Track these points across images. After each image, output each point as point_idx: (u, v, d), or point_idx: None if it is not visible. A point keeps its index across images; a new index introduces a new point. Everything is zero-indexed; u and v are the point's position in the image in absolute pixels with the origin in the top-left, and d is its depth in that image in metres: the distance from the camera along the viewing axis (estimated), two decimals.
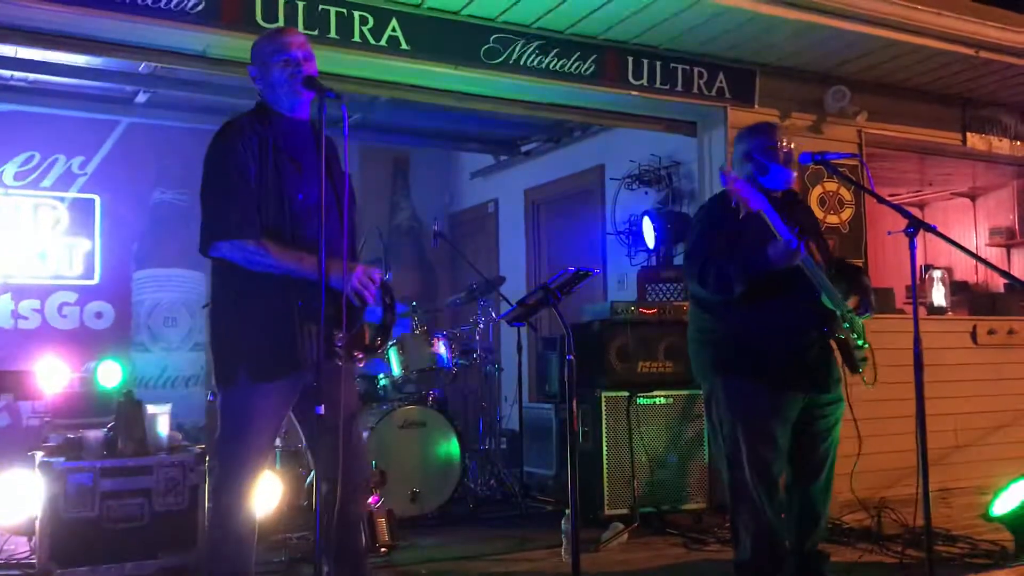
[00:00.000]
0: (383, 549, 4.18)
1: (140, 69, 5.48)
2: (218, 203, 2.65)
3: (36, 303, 7.06)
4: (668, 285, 5.87)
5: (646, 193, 6.57)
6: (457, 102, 5.22)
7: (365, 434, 5.01)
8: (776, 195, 3.38)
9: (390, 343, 5.35)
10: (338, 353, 2.67)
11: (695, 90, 5.40)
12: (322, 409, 2.56)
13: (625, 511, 4.84)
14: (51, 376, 4.62)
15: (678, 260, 6.05)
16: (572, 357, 3.22)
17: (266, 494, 3.87)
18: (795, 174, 3.49)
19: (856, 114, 5.75)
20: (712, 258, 3.31)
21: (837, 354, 3.41)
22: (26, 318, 7.01)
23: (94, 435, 3.62)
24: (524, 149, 7.87)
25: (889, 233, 3.88)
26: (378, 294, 2.78)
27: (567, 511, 4.20)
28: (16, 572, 3.71)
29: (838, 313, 3.34)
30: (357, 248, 3.09)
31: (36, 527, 3.52)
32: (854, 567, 3.93)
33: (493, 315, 6.25)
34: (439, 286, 8.64)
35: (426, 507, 5.06)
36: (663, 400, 5.04)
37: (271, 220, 2.66)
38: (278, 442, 4.66)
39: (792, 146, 3.48)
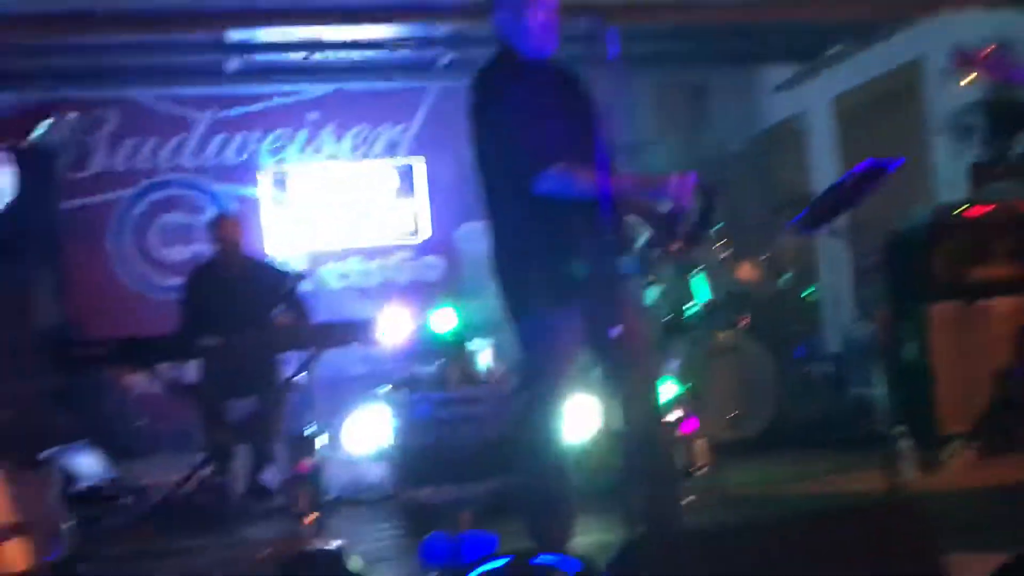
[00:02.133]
0: (702, 470, 4.21)
1: (438, 33, 5.84)
2: (524, 139, 2.73)
3: (379, 261, 7.86)
4: (1005, 182, 5.25)
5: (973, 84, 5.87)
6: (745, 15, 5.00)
7: (678, 361, 5.06)
8: None
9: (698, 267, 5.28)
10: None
11: None
12: (615, 331, 2.64)
13: (965, 428, 4.46)
14: (393, 325, 5.15)
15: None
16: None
17: (584, 419, 4.05)
18: None
19: None
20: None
21: None
22: (371, 275, 7.84)
23: (427, 371, 3.99)
24: (830, 53, 7.34)
25: None
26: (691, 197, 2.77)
27: (898, 430, 3.99)
28: (372, 495, 4.23)
29: None
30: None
31: (387, 454, 3.97)
32: None
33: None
34: (747, 210, 8.37)
35: (746, 432, 5.02)
36: (1003, 307, 4.54)
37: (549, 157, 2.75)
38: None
39: None
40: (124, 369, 5.45)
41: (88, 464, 4.78)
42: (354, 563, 2.32)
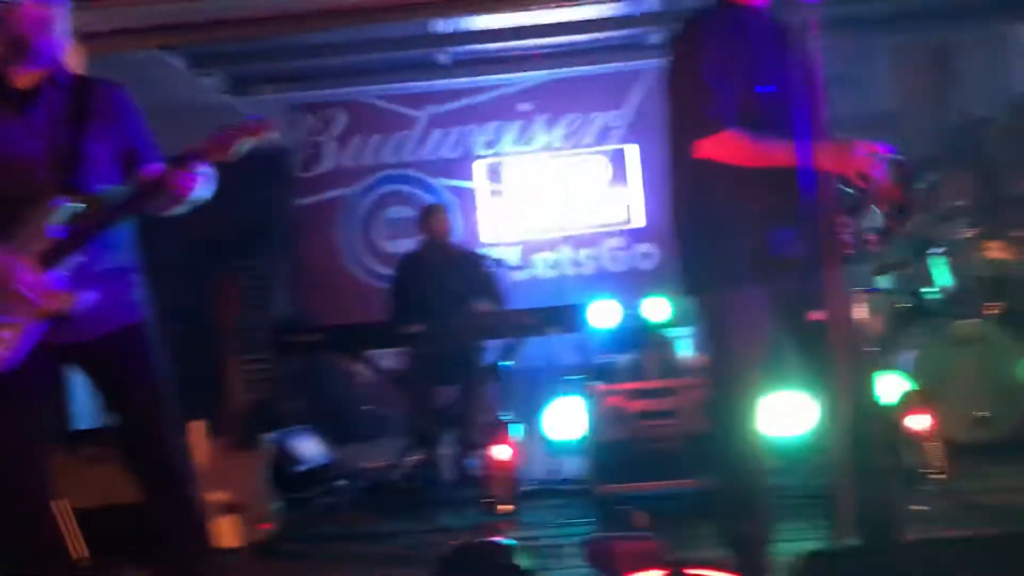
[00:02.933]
0: (938, 476, 3.74)
1: (646, 8, 5.62)
2: (696, 97, 2.52)
3: (591, 250, 7.75)
4: None
5: None
6: None
7: (914, 353, 4.55)
8: None
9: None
10: (844, 243, 2.42)
11: None
12: (815, 315, 2.33)
13: None
14: (602, 312, 5.02)
15: None
16: None
17: (796, 414, 3.71)
18: None
19: None
20: None
21: None
22: (583, 264, 7.73)
23: (624, 360, 3.81)
24: None
25: None
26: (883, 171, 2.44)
27: None
28: (569, 487, 4.11)
29: None
30: None
31: (583, 446, 3.83)
32: None
33: None
34: (1005, 183, 7.45)
35: (992, 434, 4.41)
36: None
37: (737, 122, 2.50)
38: None
39: None
40: (335, 355, 5.68)
41: (308, 447, 4.99)
42: (523, 557, 2.21)
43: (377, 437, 6.28)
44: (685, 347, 3.88)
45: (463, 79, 7.37)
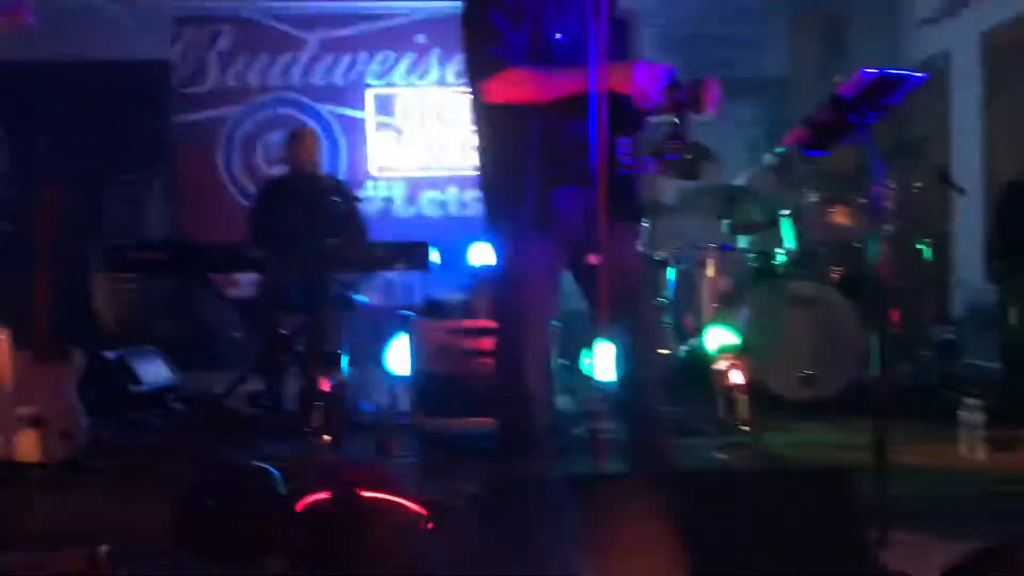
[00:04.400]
0: (743, 427, 3.88)
1: None
2: (483, 40, 2.51)
3: (476, 192, 7.72)
4: None
5: None
6: None
7: (748, 310, 4.68)
8: None
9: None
10: (626, 163, 2.47)
11: None
12: (594, 259, 2.36)
13: None
14: (479, 252, 4.99)
15: None
16: None
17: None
18: None
19: None
20: None
21: None
22: (469, 205, 7.70)
23: (456, 297, 3.82)
24: None
25: None
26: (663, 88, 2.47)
27: (970, 401, 3.54)
28: (391, 420, 4.15)
29: None
30: None
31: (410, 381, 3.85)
32: None
33: (918, 184, 5.34)
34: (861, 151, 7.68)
35: (820, 391, 4.59)
36: None
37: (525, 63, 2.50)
38: None
39: None
40: (179, 276, 5.56)
41: (151, 368, 4.91)
42: (281, 485, 2.21)
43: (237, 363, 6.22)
44: None
45: (357, 2, 7.18)
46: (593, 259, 2.35)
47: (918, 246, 5.51)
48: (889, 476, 2.38)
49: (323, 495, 1.63)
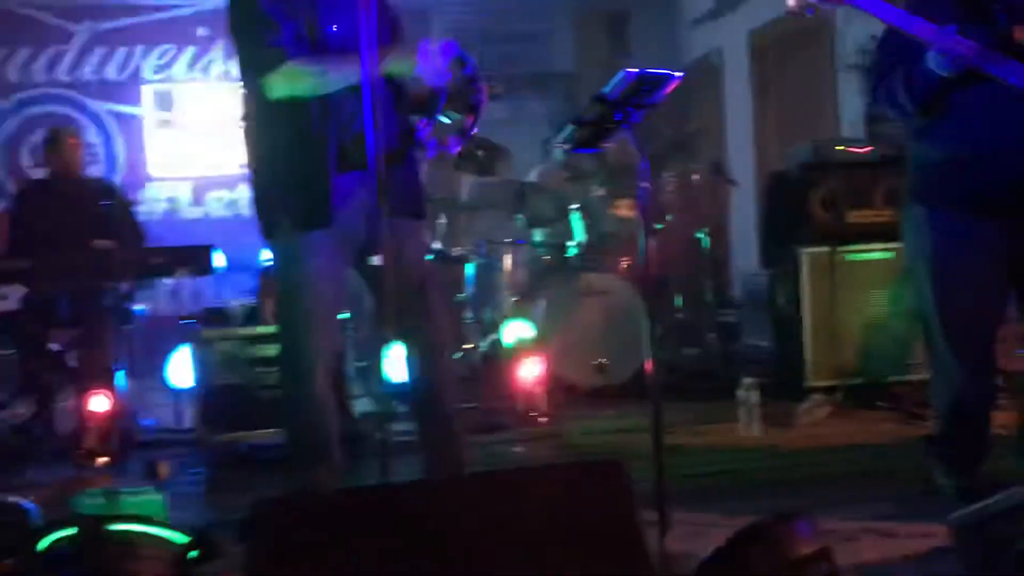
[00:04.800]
0: (541, 419, 3.94)
1: None
2: (258, 32, 2.39)
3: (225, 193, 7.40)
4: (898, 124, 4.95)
5: None
6: None
7: (543, 303, 4.76)
8: None
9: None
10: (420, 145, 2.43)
11: None
12: (378, 259, 2.29)
13: (832, 382, 4.22)
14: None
15: None
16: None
17: None
18: None
19: None
20: (883, 70, 2.60)
21: None
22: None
23: (238, 304, 3.64)
24: None
25: None
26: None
27: (747, 381, 3.74)
28: (182, 435, 3.92)
29: None
30: None
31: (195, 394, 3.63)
32: None
33: (694, 176, 5.63)
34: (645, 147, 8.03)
35: (613, 379, 4.74)
36: (880, 255, 4.27)
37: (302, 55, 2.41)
38: None
39: None
40: None
41: None
42: (35, 519, 2.01)
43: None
44: None
45: None
46: (376, 258, 2.29)
47: (697, 235, 5.81)
48: (670, 458, 2.45)
49: (68, 530, 1.47)
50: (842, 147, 4.36)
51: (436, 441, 2.61)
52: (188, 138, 7.37)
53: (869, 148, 4.35)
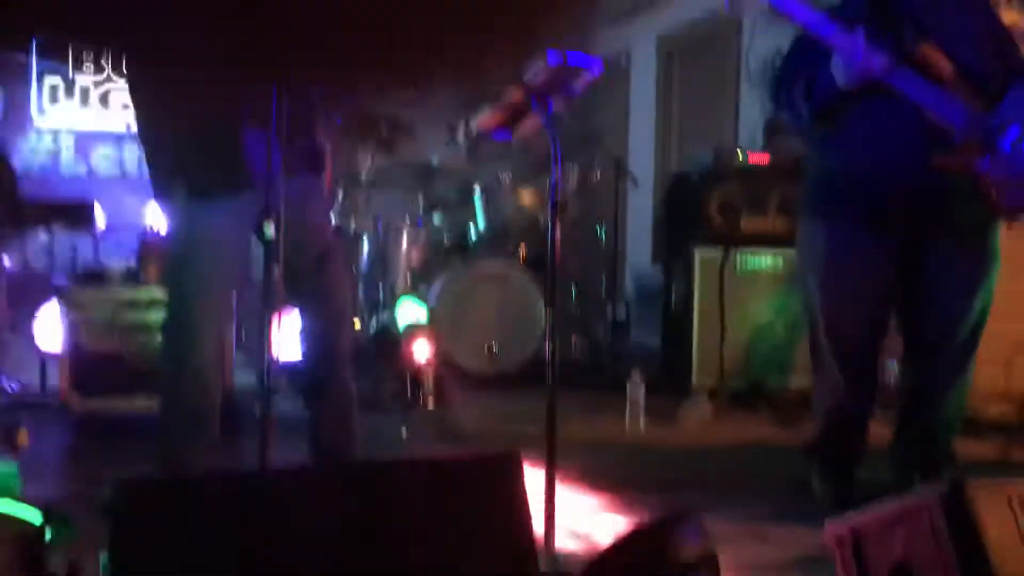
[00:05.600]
0: (430, 405, 3.89)
1: None
2: None
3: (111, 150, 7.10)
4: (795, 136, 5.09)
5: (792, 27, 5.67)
6: None
7: (438, 286, 4.70)
8: None
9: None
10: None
11: None
12: (272, 231, 2.18)
13: (716, 383, 4.31)
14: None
15: None
16: None
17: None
18: None
19: None
20: (787, 77, 2.65)
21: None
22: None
23: (118, 266, 3.46)
24: None
25: None
26: None
27: (635, 376, 3.78)
28: (46, 400, 3.71)
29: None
30: None
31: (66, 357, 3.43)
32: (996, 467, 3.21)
33: (597, 173, 5.65)
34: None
35: (503, 366, 4.72)
36: (769, 261, 4.38)
37: None
38: None
39: None
40: None
41: None
42: None
43: None
44: None
45: None
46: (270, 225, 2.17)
47: (596, 229, 5.86)
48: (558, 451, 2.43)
49: None
50: (741, 154, 4.44)
51: (327, 418, 2.53)
52: (77, 90, 6.99)
53: (767, 156, 4.45)
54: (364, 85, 2.26)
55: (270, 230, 2.21)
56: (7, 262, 4.23)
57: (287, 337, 2.58)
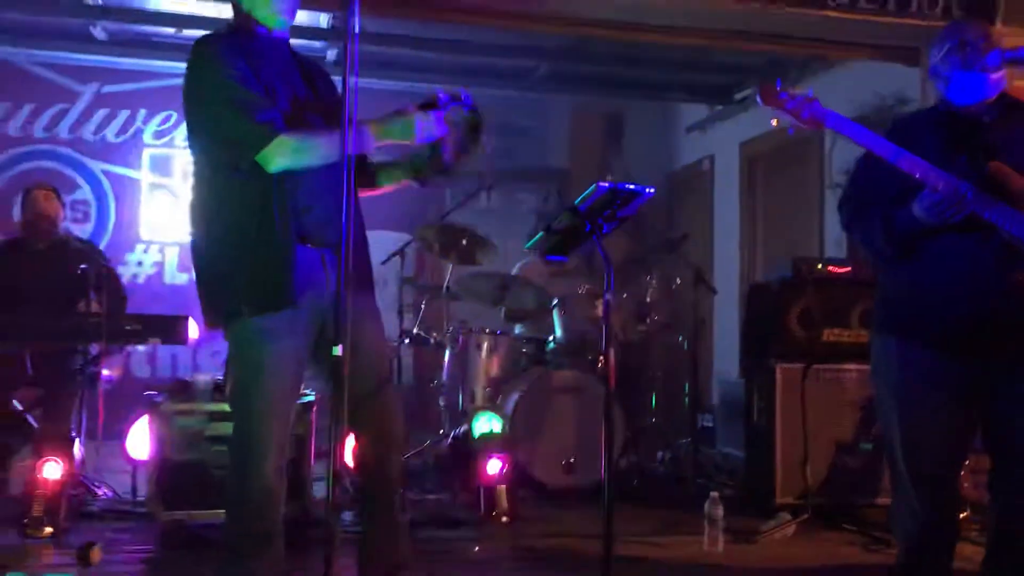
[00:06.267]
0: (503, 518, 3.87)
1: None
2: (243, 110, 2.36)
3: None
4: None
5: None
6: (664, 37, 4.84)
7: (515, 396, 4.72)
8: (974, 110, 2.59)
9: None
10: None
11: (913, 8, 4.51)
12: (340, 350, 2.26)
13: (799, 500, 4.16)
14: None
15: None
16: None
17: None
18: (995, 76, 2.62)
19: None
20: (861, 212, 2.64)
21: None
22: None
23: (204, 379, 3.60)
24: (738, 96, 7.12)
25: None
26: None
27: (713, 495, 3.69)
28: (134, 508, 3.83)
29: None
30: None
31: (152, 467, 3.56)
32: None
33: (678, 280, 5.65)
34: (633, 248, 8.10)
35: (581, 480, 4.67)
36: (854, 374, 4.26)
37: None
38: None
39: (985, 41, 2.63)
40: None
41: None
42: None
43: None
44: None
45: (133, 60, 6.82)
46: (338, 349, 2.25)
47: (678, 338, 5.82)
48: (624, 570, 2.39)
49: None
50: (821, 265, 4.39)
51: (374, 541, 2.57)
52: (181, 204, 7.41)
53: (848, 268, 4.38)
54: None
55: (337, 349, 2.31)
56: (107, 372, 4.45)
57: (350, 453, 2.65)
